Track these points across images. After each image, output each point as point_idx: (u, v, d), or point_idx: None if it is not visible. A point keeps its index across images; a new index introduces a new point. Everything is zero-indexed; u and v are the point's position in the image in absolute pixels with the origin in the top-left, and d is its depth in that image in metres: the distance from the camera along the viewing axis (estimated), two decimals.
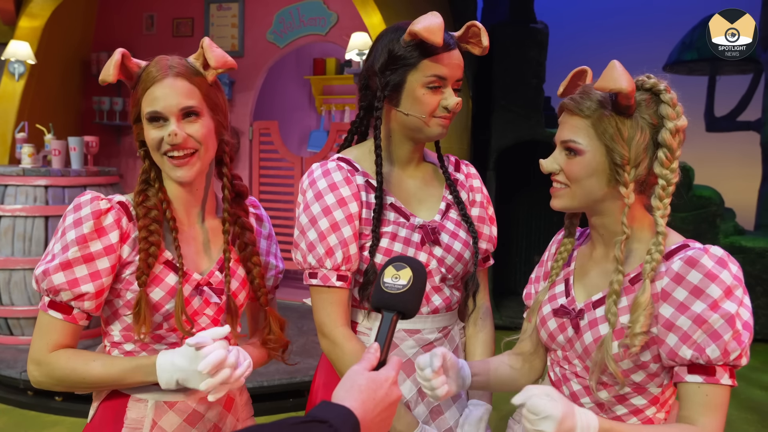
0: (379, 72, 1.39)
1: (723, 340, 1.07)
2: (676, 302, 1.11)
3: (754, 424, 3.82)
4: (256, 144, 5.97)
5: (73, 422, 3.52)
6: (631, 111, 1.15)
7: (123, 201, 1.30)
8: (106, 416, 1.31)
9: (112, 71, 1.23)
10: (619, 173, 1.16)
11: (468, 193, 1.55)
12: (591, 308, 1.24)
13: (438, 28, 1.31)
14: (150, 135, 1.25)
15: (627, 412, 1.21)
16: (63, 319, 1.24)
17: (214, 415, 1.35)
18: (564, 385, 1.29)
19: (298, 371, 3.81)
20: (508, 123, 5.55)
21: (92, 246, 1.23)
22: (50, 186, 4.10)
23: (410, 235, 1.41)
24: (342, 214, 1.36)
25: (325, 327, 1.38)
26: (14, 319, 4.09)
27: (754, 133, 7.32)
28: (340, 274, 1.36)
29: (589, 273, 1.29)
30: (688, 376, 1.10)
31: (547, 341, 1.32)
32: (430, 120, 1.38)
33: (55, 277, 1.22)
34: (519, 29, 5.64)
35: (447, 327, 1.47)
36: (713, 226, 5.42)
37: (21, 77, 5.18)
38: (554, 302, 1.31)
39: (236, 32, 5.98)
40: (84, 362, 1.23)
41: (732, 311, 1.08)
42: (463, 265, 1.46)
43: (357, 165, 1.44)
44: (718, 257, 1.11)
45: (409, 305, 0.99)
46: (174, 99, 1.24)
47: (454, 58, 1.38)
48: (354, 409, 0.83)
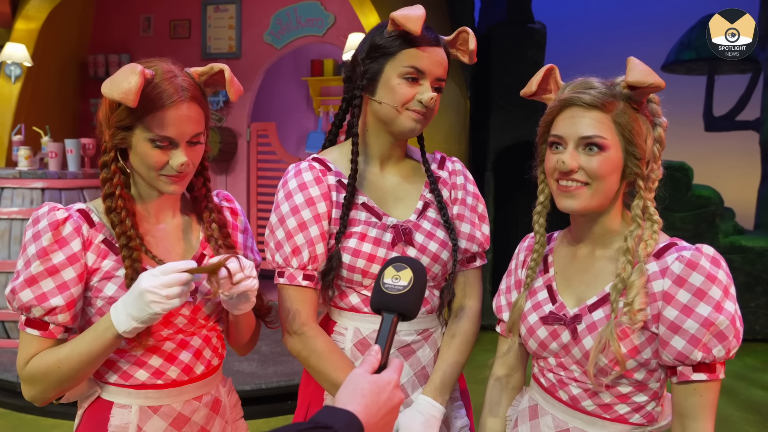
0: (360, 61, 1.40)
1: (728, 340, 1.11)
2: (680, 305, 1.12)
3: (755, 425, 3.81)
4: (254, 145, 5.97)
5: (71, 426, 3.49)
6: (644, 107, 1.18)
7: (83, 208, 1.27)
8: (90, 424, 1.29)
9: (133, 97, 1.15)
10: (638, 167, 1.18)
11: (450, 191, 1.52)
12: (587, 312, 1.22)
13: (417, 17, 1.31)
14: (152, 156, 1.22)
15: (630, 410, 1.21)
16: (40, 336, 1.22)
17: (200, 418, 1.33)
18: (561, 390, 1.27)
19: (296, 373, 3.80)
20: (506, 123, 5.54)
21: (54, 258, 1.20)
22: (47, 188, 4.09)
23: (381, 235, 1.39)
24: (310, 213, 1.36)
25: (293, 324, 1.37)
26: (11, 322, 4.08)
27: (753, 132, 7.32)
28: (307, 273, 1.36)
29: (573, 276, 1.28)
30: (694, 374, 1.13)
31: (537, 350, 1.30)
32: (402, 111, 1.36)
33: (22, 295, 1.20)
34: (517, 30, 5.63)
35: (428, 330, 1.45)
36: (713, 225, 5.42)
37: (17, 79, 5.17)
38: (540, 310, 1.29)
39: (233, 34, 5.97)
40: (53, 352, 1.21)
41: (732, 311, 1.11)
42: (441, 266, 1.44)
43: (331, 165, 1.43)
44: (711, 257, 1.12)
45: (410, 306, 0.98)
46: (188, 127, 1.22)
47: (436, 54, 1.37)
48: (358, 413, 0.82)
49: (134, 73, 1.15)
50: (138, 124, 1.21)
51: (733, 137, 7.94)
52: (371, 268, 1.37)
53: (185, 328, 1.31)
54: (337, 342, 1.41)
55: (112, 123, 1.23)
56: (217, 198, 1.45)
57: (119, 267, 1.25)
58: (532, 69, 6.08)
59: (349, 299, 1.41)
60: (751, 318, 5.43)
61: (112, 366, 1.28)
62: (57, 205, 1.26)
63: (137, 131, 1.22)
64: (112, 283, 1.24)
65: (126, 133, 1.23)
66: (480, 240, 1.51)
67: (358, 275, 1.38)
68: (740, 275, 5.39)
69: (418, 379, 1.42)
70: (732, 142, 8.35)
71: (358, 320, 1.41)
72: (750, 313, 5.43)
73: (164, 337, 1.28)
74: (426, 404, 1.37)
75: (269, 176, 5.96)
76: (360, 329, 1.40)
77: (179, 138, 1.22)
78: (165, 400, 1.28)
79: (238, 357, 3.91)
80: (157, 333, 1.27)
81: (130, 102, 1.15)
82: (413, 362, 1.42)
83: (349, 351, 1.40)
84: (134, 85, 1.14)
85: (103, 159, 1.27)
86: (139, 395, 1.27)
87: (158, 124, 1.20)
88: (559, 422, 1.27)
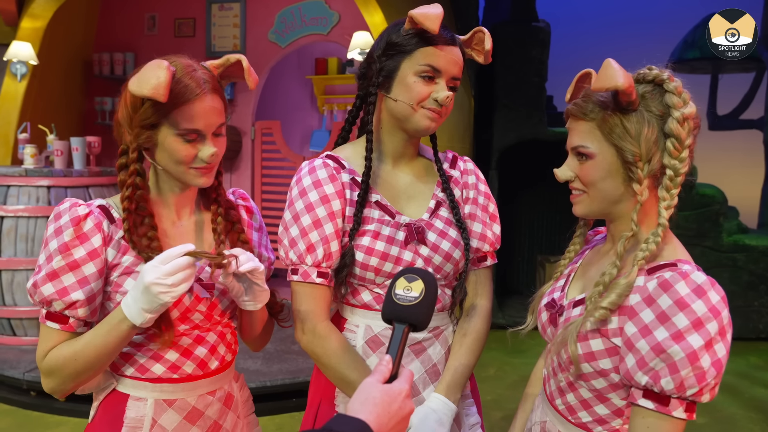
0: (376, 58, 1.40)
1: (679, 375, 1.01)
2: (640, 323, 1.06)
3: (758, 423, 3.82)
4: (259, 144, 5.98)
5: (77, 423, 3.53)
6: (634, 106, 1.13)
7: (103, 205, 1.29)
8: (105, 416, 1.31)
9: (163, 92, 1.15)
10: (633, 171, 1.14)
11: (462, 191, 1.52)
12: (571, 306, 1.23)
13: (435, 16, 1.31)
14: (182, 150, 1.23)
15: (592, 420, 1.19)
16: (60, 329, 1.24)
17: (214, 412, 1.35)
18: (546, 383, 1.29)
19: (301, 371, 3.82)
20: (510, 122, 5.54)
21: (75, 253, 1.22)
22: (53, 186, 4.10)
23: (394, 233, 1.39)
24: (324, 211, 1.36)
25: (307, 322, 1.37)
26: (17, 319, 4.10)
27: (756, 131, 7.31)
28: (321, 270, 1.36)
29: (590, 269, 1.28)
30: (641, 400, 1.07)
31: (541, 332, 1.33)
32: (418, 109, 1.36)
33: (44, 289, 1.22)
34: (521, 28, 5.63)
35: (439, 327, 1.45)
36: (716, 224, 5.41)
37: (23, 78, 5.19)
38: (550, 295, 1.31)
39: (238, 32, 5.98)
40: (69, 345, 1.23)
41: (695, 346, 1.01)
42: (453, 265, 1.44)
43: (345, 162, 1.43)
44: (697, 285, 1.03)
45: (421, 317, 0.99)
46: (214, 118, 1.24)
47: (452, 53, 1.37)
48: (369, 422, 0.84)
49: (161, 68, 1.16)
50: (164, 121, 1.22)
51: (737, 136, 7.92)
52: (384, 267, 1.37)
53: (201, 324, 1.32)
54: (349, 339, 1.41)
55: (136, 123, 1.22)
56: (232, 196, 1.46)
57: (139, 263, 1.27)
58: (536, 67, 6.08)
59: (361, 296, 1.41)
60: (755, 317, 5.43)
61: (129, 359, 1.30)
62: (78, 200, 1.27)
63: (163, 128, 1.22)
64: (131, 279, 1.26)
65: (152, 131, 1.23)
66: (491, 239, 1.51)
67: (371, 273, 1.38)
68: (744, 274, 5.39)
69: (429, 376, 1.43)
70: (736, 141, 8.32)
71: (369, 317, 1.41)
72: (753, 312, 5.43)
73: (181, 332, 1.30)
74: (439, 402, 1.37)
75: (273, 174, 5.97)
76: (372, 326, 1.40)
77: (206, 130, 1.23)
78: (180, 394, 1.30)
79: (244, 355, 3.93)
80: (175, 328, 1.29)
81: (161, 97, 1.16)
82: (424, 360, 1.42)
83: (360, 348, 1.40)
84: (163, 80, 1.15)
85: (122, 161, 1.27)
86: (154, 388, 1.29)
87: (186, 117, 1.21)
88: (542, 415, 1.30)
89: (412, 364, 1.41)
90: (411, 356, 1.41)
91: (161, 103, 1.18)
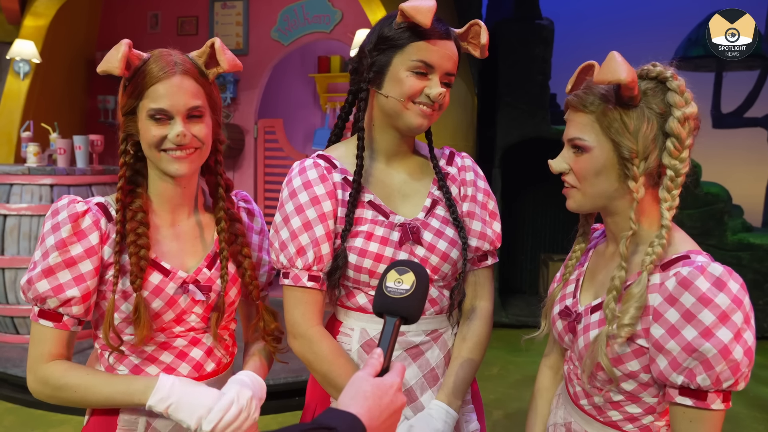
0: (368, 53, 1.36)
1: (714, 371, 1.02)
2: (667, 324, 1.05)
3: (763, 423, 3.80)
4: (261, 142, 5.98)
5: (80, 421, 3.52)
6: (635, 102, 1.11)
7: (101, 202, 1.28)
8: (100, 419, 1.29)
9: (118, 64, 1.18)
10: (628, 167, 1.12)
11: (460, 188, 1.47)
12: (588, 313, 1.21)
13: (427, 9, 1.26)
14: (150, 132, 1.23)
15: (622, 418, 1.19)
16: (54, 327, 1.23)
17: None
18: (569, 384, 1.28)
19: (303, 370, 3.81)
20: (514, 120, 5.53)
21: (72, 250, 1.21)
22: (56, 185, 4.11)
23: (388, 234, 1.35)
24: (315, 212, 1.32)
25: (299, 327, 1.33)
26: (20, 318, 4.10)
27: (761, 129, 7.28)
28: (312, 274, 1.32)
29: (598, 274, 1.26)
30: (678, 397, 1.07)
31: (558, 341, 1.31)
32: (409, 105, 1.31)
33: (39, 285, 1.21)
34: (524, 26, 5.62)
35: (437, 330, 1.40)
36: (721, 223, 5.39)
37: (26, 76, 5.20)
38: (562, 303, 1.29)
39: (241, 30, 5.97)
40: (77, 374, 1.22)
41: (726, 340, 1.01)
42: (450, 265, 1.39)
43: (337, 162, 1.39)
44: (716, 277, 1.03)
45: (412, 310, 0.98)
46: (182, 98, 1.22)
47: (446, 48, 1.32)
48: (360, 415, 0.83)
49: (121, 45, 1.20)
50: (138, 104, 1.23)
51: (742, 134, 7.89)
52: (378, 268, 1.33)
53: (197, 326, 1.31)
54: (344, 343, 1.38)
55: (122, 112, 1.25)
56: (235, 198, 1.44)
57: None
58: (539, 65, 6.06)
59: (356, 299, 1.38)
60: (760, 316, 5.41)
61: (124, 360, 1.29)
62: (77, 197, 1.26)
63: (139, 113, 1.24)
64: (126, 278, 1.25)
65: (132, 117, 1.25)
66: (491, 238, 1.47)
67: (365, 275, 1.34)
68: (748, 273, 5.36)
69: (427, 381, 1.39)
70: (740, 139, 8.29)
71: (365, 321, 1.37)
72: (758, 310, 5.41)
73: (176, 334, 1.29)
74: (440, 410, 1.34)
75: (276, 173, 5.96)
76: (367, 330, 1.37)
77: (173, 109, 1.22)
78: None
79: None
80: (170, 330, 1.28)
81: (116, 70, 1.18)
82: (422, 364, 1.38)
83: (355, 353, 1.37)
84: (120, 54, 1.18)
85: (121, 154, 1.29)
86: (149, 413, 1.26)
87: (153, 98, 1.22)
88: (566, 415, 1.28)
89: (409, 368, 1.37)
90: (408, 360, 1.37)
91: (135, 88, 1.21)
